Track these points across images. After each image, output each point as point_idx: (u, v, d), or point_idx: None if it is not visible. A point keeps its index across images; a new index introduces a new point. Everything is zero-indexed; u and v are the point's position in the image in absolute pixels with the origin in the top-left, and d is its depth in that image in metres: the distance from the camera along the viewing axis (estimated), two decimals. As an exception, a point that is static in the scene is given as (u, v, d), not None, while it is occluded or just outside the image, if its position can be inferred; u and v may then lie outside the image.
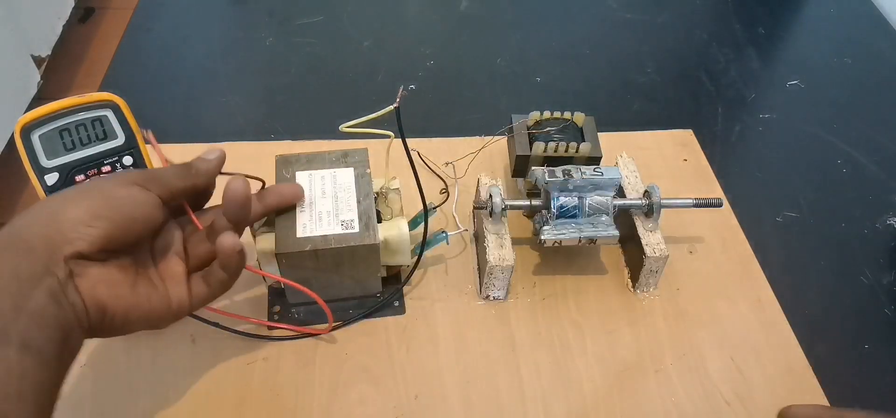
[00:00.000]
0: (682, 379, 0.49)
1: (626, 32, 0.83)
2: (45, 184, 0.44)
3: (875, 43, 0.84)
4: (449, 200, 0.59)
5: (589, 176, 0.50)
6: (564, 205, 0.50)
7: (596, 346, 0.51)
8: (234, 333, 0.49)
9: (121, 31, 0.79)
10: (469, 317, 0.52)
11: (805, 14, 0.89)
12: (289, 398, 0.47)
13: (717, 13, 0.87)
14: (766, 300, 0.55)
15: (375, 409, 0.47)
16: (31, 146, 0.44)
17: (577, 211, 0.50)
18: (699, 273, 0.56)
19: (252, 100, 0.71)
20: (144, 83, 0.72)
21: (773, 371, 0.50)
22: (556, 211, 0.50)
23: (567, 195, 0.50)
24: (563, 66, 0.77)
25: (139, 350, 0.48)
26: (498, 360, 0.50)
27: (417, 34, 0.80)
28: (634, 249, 0.53)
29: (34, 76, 1.48)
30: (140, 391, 0.47)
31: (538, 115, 0.55)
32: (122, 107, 0.46)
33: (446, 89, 0.73)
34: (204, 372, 0.48)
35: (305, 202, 0.48)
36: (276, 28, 0.79)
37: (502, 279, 0.51)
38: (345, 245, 0.46)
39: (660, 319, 0.53)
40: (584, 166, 0.51)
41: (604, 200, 0.50)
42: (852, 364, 0.52)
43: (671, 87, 0.75)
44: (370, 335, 0.50)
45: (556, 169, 0.50)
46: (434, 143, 0.63)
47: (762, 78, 0.78)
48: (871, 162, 0.68)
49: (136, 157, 0.47)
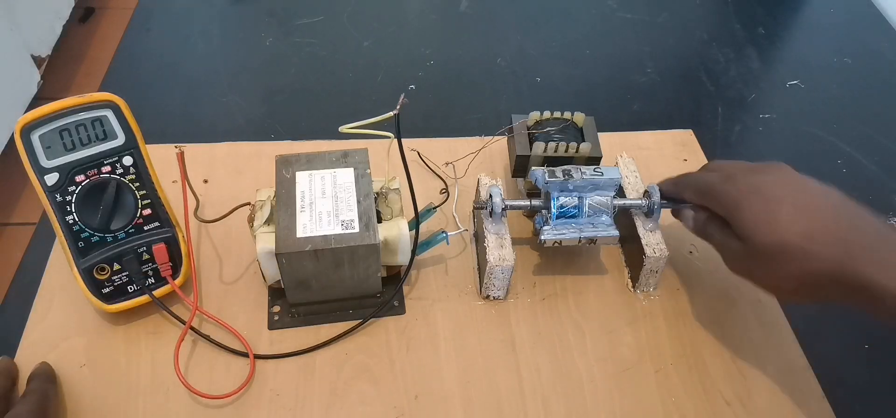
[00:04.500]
0: (682, 379, 0.49)
1: (626, 32, 0.83)
2: (45, 184, 0.45)
3: (875, 43, 0.84)
4: (449, 200, 0.59)
5: (589, 176, 0.50)
6: (564, 205, 0.50)
7: (596, 346, 0.51)
8: (234, 333, 0.49)
9: (121, 31, 0.79)
10: (469, 317, 0.52)
11: (805, 14, 0.89)
12: (289, 398, 0.47)
13: (717, 13, 0.87)
14: (766, 300, 0.54)
15: (375, 409, 0.47)
16: (31, 146, 0.44)
17: (577, 211, 0.50)
18: (699, 273, 0.56)
19: (252, 100, 0.71)
20: (144, 83, 0.72)
21: (773, 371, 0.50)
22: (556, 211, 0.50)
23: (567, 195, 0.50)
24: (563, 66, 0.77)
25: (139, 350, 0.48)
26: (498, 360, 0.50)
27: (417, 34, 0.80)
28: (634, 249, 0.53)
29: (34, 76, 1.48)
30: (140, 391, 0.47)
31: (538, 115, 0.55)
32: (122, 108, 0.46)
33: (446, 89, 0.73)
34: (204, 372, 0.48)
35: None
36: (276, 28, 0.79)
37: (502, 279, 0.51)
38: (345, 245, 0.46)
39: (660, 319, 0.53)
40: (584, 166, 0.51)
41: (604, 200, 0.50)
42: (852, 364, 0.52)
43: (671, 87, 0.75)
44: (370, 335, 0.50)
45: (556, 169, 0.50)
46: (434, 143, 0.63)
47: (762, 78, 0.78)
48: (871, 162, 0.68)
49: (135, 157, 0.47)
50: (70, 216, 0.45)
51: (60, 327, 0.49)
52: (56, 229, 0.46)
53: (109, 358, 0.48)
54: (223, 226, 0.54)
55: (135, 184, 0.47)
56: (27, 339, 0.49)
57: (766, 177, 0.44)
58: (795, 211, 0.41)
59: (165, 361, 0.47)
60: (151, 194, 0.48)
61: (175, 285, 0.49)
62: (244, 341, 0.48)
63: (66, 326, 0.49)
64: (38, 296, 0.51)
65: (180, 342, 0.46)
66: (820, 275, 0.40)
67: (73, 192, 0.45)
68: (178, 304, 0.50)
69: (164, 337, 0.49)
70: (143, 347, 0.49)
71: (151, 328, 0.50)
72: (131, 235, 0.48)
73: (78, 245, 0.46)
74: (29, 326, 0.49)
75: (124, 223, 0.47)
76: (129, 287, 0.48)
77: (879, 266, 0.39)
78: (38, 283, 0.52)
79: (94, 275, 0.47)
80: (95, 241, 0.47)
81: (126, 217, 0.47)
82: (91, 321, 0.50)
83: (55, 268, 0.52)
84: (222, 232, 0.55)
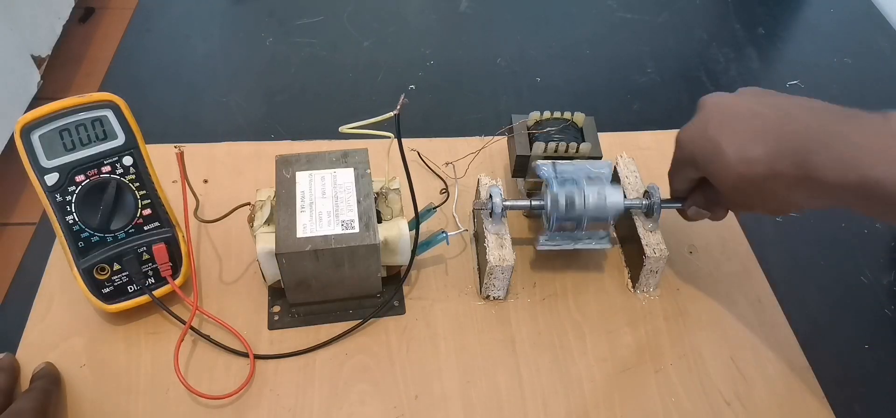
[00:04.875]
0: (682, 379, 0.49)
1: (626, 32, 0.83)
2: (45, 184, 0.45)
3: (875, 43, 0.84)
4: (449, 200, 0.59)
5: (581, 164, 0.51)
6: (564, 227, 0.50)
7: (596, 346, 0.51)
8: (234, 333, 0.49)
9: (121, 31, 0.79)
10: (469, 317, 0.52)
11: (805, 14, 0.89)
12: (289, 398, 0.47)
13: (717, 13, 0.87)
14: (766, 300, 0.55)
15: (375, 409, 0.47)
16: (31, 146, 0.44)
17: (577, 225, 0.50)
18: (699, 273, 0.56)
19: (252, 100, 0.71)
20: (144, 83, 0.72)
21: (773, 371, 0.50)
22: (555, 224, 0.50)
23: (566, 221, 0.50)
24: (563, 66, 0.77)
25: (139, 350, 0.48)
26: (498, 360, 0.50)
27: (417, 34, 0.80)
28: (634, 249, 0.53)
29: (34, 76, 1.48)
30: (140, 391, 0.47)
31: (538, 115, 0.55)
32: (122, 108, 0.46)
33: (446, 89, 0.73)
34: (204, 372, 0.48)
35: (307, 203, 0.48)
36: (276, 28, 0.79)
37: (502, 279, 0.51)
38: (345, 245, 0.46)
39: (660, 319, 0.53)
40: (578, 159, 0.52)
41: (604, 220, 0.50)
42: (852, 364, 0.52)
43: (671, 87, 0.75)
44: (370, 335, 0.50)
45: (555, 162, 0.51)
46: (434, 143, 0.63)
47: (762, 78, 0.78)
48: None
49: (135, 157, 0.47)
50: (70, 216, 0.45)
51: (60, 327, 0.49)
52: (56, 229, 0.46)
53: (109, 358, 0.48)
54: (223, 226, 0.54)
55: (135, 184, 0.47)
56: (27, 339, 0.49)
57: (696, 122, 0.45)
58: (733, 137, 0.42)
59: (165, 361, 0.47)
60: (151, 194, 0.48)
61: (175, 285, 0.49)
62: (244, 341, 0.48)
63: (66, 326, 0.49)
64: (38, 296, 0.51)
65: (180, 342, 0.46)
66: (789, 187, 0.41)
67: (73, 192, 0.45)
68: (178, 304, 0.50)
69: (164, 337, 0.49)
70: (143, 347, 0.49)
71: (151, 328, 0.50)
72: (131, 235, 0.48)
73: (78, 245, 0.46)
74: (29, 326, 0.49)
75: (124, 223, 0.47)
76: (129, 287, 0.48)
77: (834, 161, 0.38)
78: (38, 283, 0.52)
79: (94, 275, 0.47)
80: (95, 241, 0.47)
81: (126, 217, 0.47)
82: (91, 321, 0.50)
83: (55, 268, 0.52)
84: (222, 232, 0.55)
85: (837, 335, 0.54)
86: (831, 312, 0.55)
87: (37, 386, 0.44)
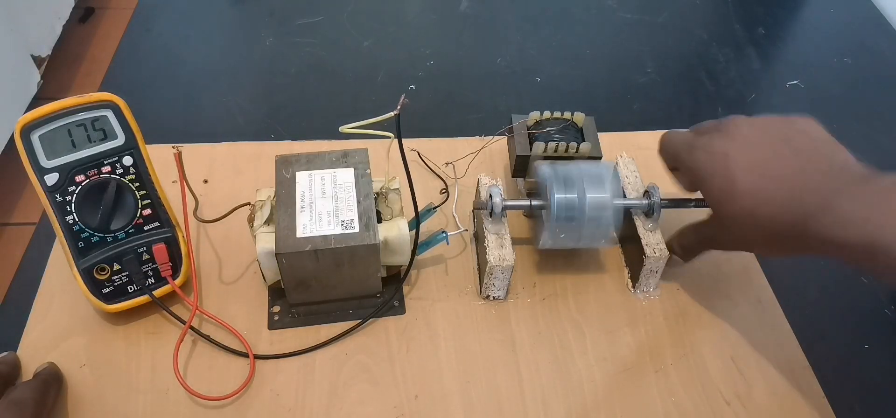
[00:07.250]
0: (682, 379, 0.49)
1: (626, 32, 0.83)
2: (45, 184, 0.45)
3: (875, 43, 0.84)
4: (449, 200, 0.59)
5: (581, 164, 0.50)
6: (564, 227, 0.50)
7: (596, 346, 0.51)
8: (234, 333, 0.49)
9: (121, 31, 0.79)
10: (469, 317, 0.52)
11: (805, 14, 0.89)
12: (289, 398, 0.47)
13: (717, 13, 0.87)
14: (766, 300, 0.55)
15: (375, 409, 0.47)
16: (31, 146, 0.44)
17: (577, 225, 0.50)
18: (699, 273, 0.56)
19: (252, 100, 0.71)
20: (144, 83, 0.72)
21: (773, 371, 0.50)
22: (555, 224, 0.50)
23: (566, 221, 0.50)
24: (563, 66, 0.77)
25: (139, 350, 0.48)
26: (498, 360, 0.50)
27: (417, 34, 0.80)
28: (634, 249, 0.53)
29: (34, 76, 1.48)
30: (140, 391, 0.47)
31: (538, 115, 0.55)
32: (122, 108, 0.46)
33: (446, 89, 0.73)
34: (203, 371, 0.48)
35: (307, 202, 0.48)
36: (276, 28, 0.79)
37: (502, 279, 0.51)
38: (345, 245, 0.46)
39: (660, 319, 0.53)
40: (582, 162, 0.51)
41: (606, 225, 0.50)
42: (852, 364, 0.52)
43: (671, 87, 0.75)
44: (370, 335, 0.50)
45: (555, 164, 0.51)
46: (434, 143, 0.63)
47: (762, 78, 0.78)
48: (872, 162, 0.68)
49: (135, 157, 0.47)
50: (70, 216, 0.45)
51: (60, 327, 0.49)
52: (56, 229, 0.46)
53: (109, 358, 0.48)
54: (223, 226, 0.54)
55: (135, 184, 0.47)
56: (27, 339, 0.49)
57: (718, 142, 0.45)
58: (748, 174, 0.42)
59: (165, 361, 0.47)
60: (151, 194, 0.48)
61: (175, 285, 0.49)
62: (244, 341, 0.48)
63: (66, 326, 0.49)
64: (38, 296, 0.51)
65: (180, 342, 0.46)
66: (784, 235, 0.42)
67: (73, 192, 0.45)
68: (178, 304, 0.50)
69: (164, 337, 0.49)
70: (143, 347, 0.49)
71: (151, 328, 0.50)
72: (131, 235, 0.48)
73: (78, 245, 0.46)
74: (29, 326, 0.49)
75: (124, 223, 0.47)
76: (129, 287, 0.48)
77: (840, 221, 0.39)
78: (38, 283, 0.52)
79: (94, 275, 0.47)
80: (95, 241, 0.47)
81: (126, 217, 0.47)
82: (91, 321, 0.50)
83: (55, 268, 0.52)
84: (222, 232, 0.55)
85: (837, 335, 0.54)
86: (831, 312, 0.55)
87: (38, 376, 0.45)
